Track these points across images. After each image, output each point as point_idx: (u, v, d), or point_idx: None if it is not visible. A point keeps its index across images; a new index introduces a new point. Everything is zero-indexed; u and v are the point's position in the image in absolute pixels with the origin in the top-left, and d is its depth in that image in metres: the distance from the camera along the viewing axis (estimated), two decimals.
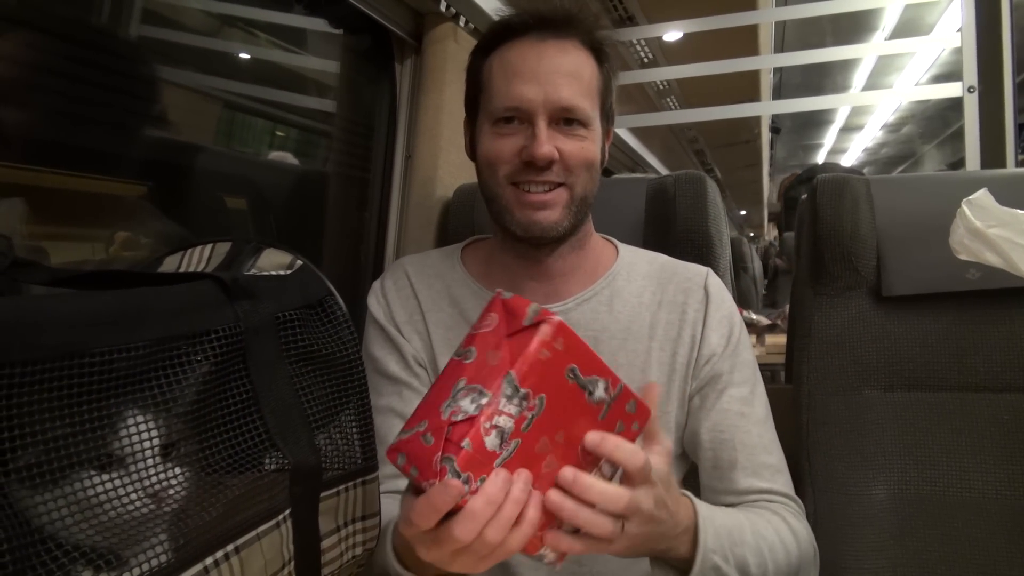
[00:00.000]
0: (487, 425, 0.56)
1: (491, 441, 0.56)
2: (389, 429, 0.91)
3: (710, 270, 1.01)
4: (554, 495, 0.60)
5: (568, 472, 0.61)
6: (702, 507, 0.76)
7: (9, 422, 0.43)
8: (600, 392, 0.63)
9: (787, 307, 1.65)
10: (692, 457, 0.97)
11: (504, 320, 0.63)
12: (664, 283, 0.99)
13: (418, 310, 1.00)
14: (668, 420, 0.94)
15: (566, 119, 0.89)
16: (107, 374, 0.49)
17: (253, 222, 1.38)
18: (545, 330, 0.60)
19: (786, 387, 1.28)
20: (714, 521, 0.76)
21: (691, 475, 0.99)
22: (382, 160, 1.54)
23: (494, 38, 0.95)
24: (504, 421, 0.57)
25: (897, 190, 1.22)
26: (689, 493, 0.77)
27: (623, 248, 1.04)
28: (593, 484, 0.61)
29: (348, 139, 1.56)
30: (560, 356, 0.61)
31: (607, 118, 0.97)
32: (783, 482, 0.93)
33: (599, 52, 0.94)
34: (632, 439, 0.66)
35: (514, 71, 0.90)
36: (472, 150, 0.99)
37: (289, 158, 1.49)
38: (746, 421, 0.93)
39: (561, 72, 0.89)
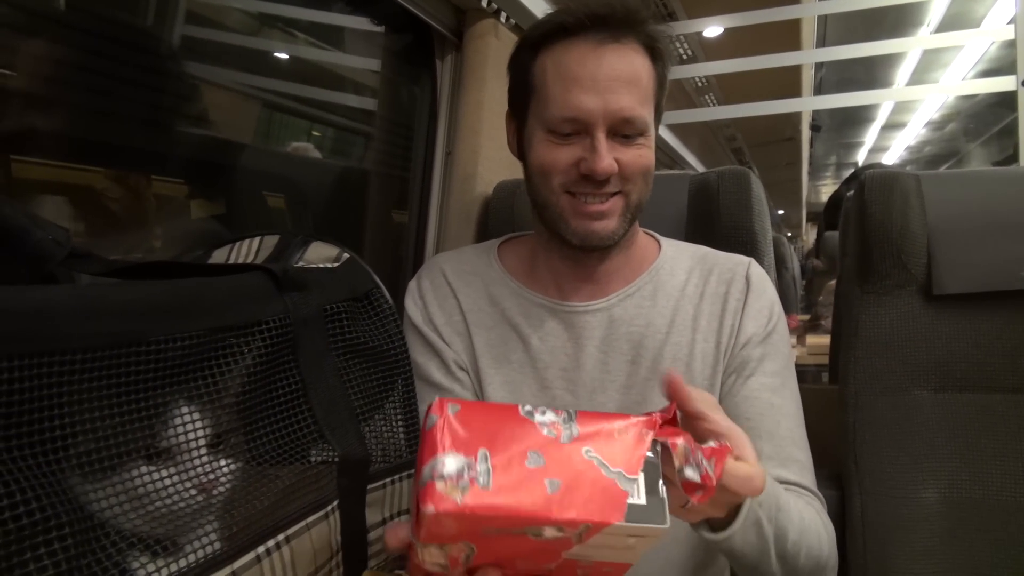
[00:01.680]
0: (426, 559, 0.50)
1: (435, 565, 0.50)
2: None
3: (752, 260, 0.99)
4: None
5: None
6: None
7: (70, 408, 0.44)
8: (551, 532, 0.49)
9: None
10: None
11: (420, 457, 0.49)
12: (706, 274, 0.97)
13: (458, 310, 0.98)
14: None
15: (625, 130, 0.87)
16: (162, 363, 0.50)
17: (291, 220, 1.39)
18: (426, 523, 0.46)
19: (831, 387, 1.25)
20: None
21: None
22: (422, 157, 1.54)
23: (546, 36, 0.91)
24: (438, 568, 0.51)
25: (949, 186, 1.18)
26: None
27: (665, 242, 1.02)
28: None
29: (388, 136, 1.56)
30: (466, 528, 0.48)
31: (657, 117, 0.94)
32: (810, 480, 0.90)
33: (654, 50, 0.91)
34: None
35: (572, 78, 0.86)
36: (519, 150, 0.96)
37: (311, 150, 1.47)
38: (775, 412, 0.90)
39: (621, 80, 0.85)
